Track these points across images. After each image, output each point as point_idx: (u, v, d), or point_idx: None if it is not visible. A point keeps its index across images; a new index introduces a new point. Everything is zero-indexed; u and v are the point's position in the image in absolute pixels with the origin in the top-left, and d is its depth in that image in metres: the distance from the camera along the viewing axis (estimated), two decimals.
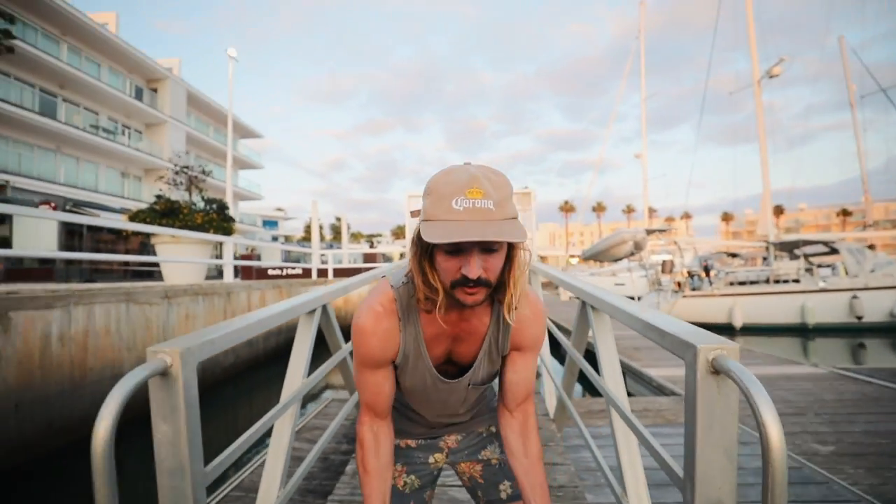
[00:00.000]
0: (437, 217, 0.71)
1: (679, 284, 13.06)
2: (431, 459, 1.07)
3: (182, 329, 6.04)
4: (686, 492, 0.91)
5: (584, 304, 1.82)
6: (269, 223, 38.60)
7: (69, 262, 14.37)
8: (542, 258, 60.28)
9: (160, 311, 5.73)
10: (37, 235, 14.90)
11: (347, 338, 1.38)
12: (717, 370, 0.84)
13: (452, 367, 0.94)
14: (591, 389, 5.95)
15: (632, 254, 12.91)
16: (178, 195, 9.01)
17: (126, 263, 16.27)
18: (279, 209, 43.12)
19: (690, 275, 13.48)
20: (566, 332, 3.73)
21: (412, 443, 1.07)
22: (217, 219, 8.15)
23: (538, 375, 3.63)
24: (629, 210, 73.61)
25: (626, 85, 27.52)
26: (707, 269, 13.08)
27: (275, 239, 34.89)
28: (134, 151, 21.84)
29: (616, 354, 1.65)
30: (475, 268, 0.72)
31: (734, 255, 17.16)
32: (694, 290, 12.73)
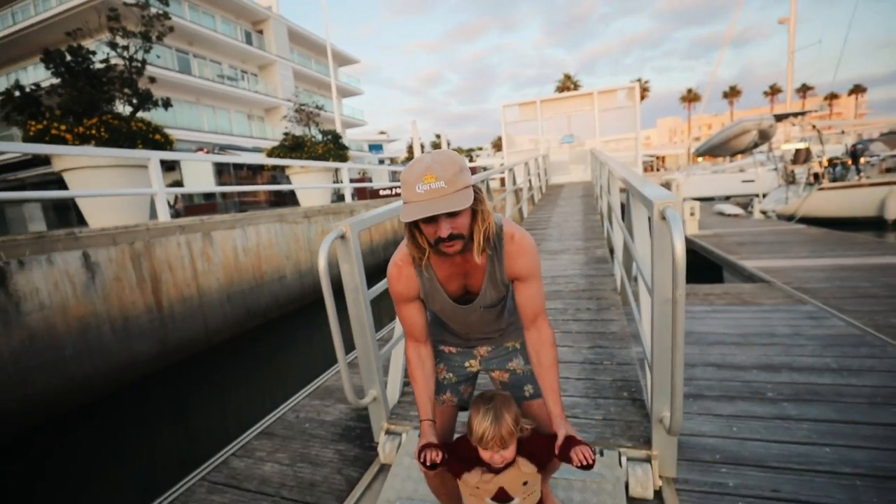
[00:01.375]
0: (408, 200, 0.98)
1: (816, 176, 11.39)
2: (467, 364, 1.34)
3: (320, 240, 7.46)
4: (651, 294, 1.44)
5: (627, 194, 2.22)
6: (375, 147, 40.76)
7: (223, 195, 17.41)
8: (659, 158, 54.52)
9: (303, 227, 7.13)
10: (198, 177, 18.13)
11: None
12: (663, 217, 1.31)
13: (470, 296, 1.21)
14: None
15: (755, 145, 11.43)
16: (299, 130, 10.32)
17: (267, 193, 19.13)
18: (382, 132, 44.98)
19: (832, 163, 11.60)
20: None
21: (452, 349, 1.34)
22: (334, 148, 9.31)
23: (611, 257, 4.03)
24: (773, 91, 60.04)
25: None
26: (855, 156, 11.10)
27: (381, 162, 37.01)
28: (254, 94, 24.27)
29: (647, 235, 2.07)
30: (444, 229, 0.99)
31: None
32: (835, 180, 11.06)
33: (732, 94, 58.54)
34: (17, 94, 4.97)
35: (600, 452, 1.57)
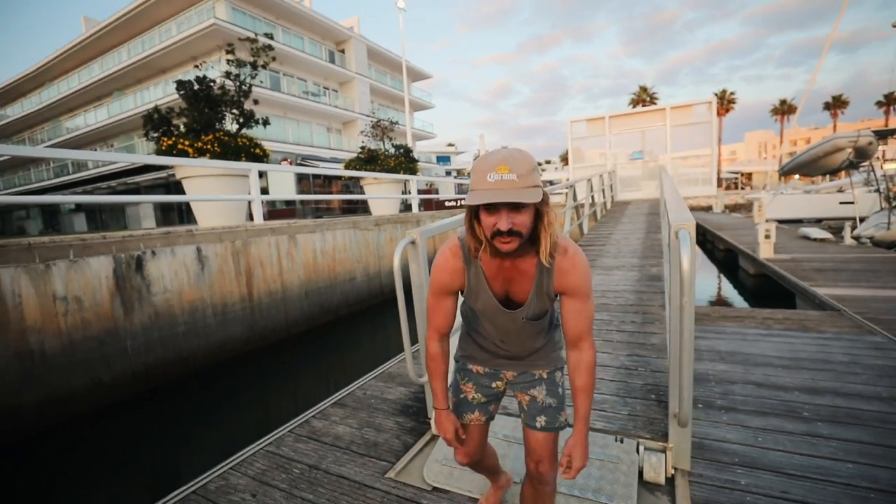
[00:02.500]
0: (476, 188, 0.97)
1: None
2: (494, 385, 1.35)
3: (388, 247, 8.07)
4: (669, 304, 1.67)
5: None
6: (442, 159, 41.97)
7: (302, 202, 18.96)
8: (745, 175, 50.61)
9: (373, 234, 7.77)
10: (281, 184, 19.90)
11: None
12: (677, 236, 1.56)
13: (512, 304, 1.19)
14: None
15: (851, 164, 10.49)
16: (374, 144, 11.17)
17: (340, 200, 20.53)
18: (450, 145, 46.25)
19: None
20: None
21: (480, 369, 1.34)
22: (405, 161, 10.00)
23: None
24: (889, 102, 50.86)
25: None
26: None
27: (448, 173, 38.00)
28: (334, 109, 26.19)
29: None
30: (505, 222, 0.97)
31: None
32: None
33: (837, 104, 52.06)
34: (155, 115, 6.09)
35: (620, 440, 1.80)
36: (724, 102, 43.88)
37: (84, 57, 25.44)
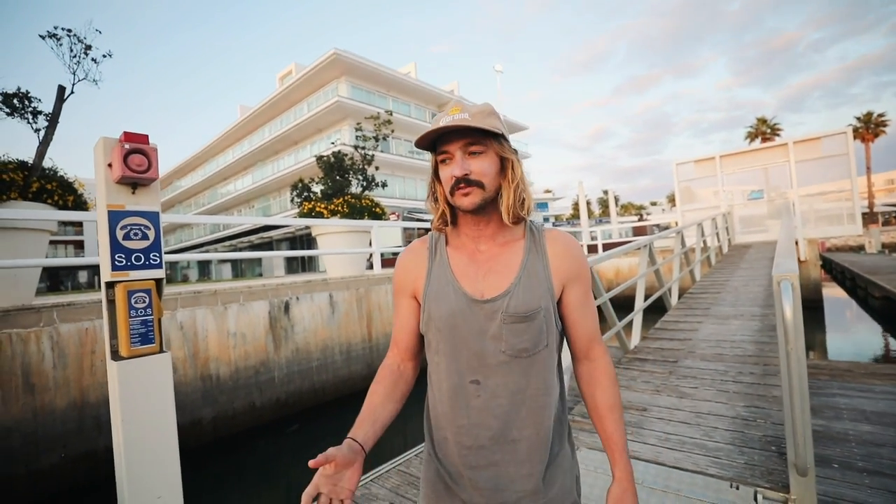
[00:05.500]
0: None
1: None
2: None
3: None
4: (780, 351, 1.73)
5: None
6: (541, 206, 42.12)
7: None
8: None
9: None
10: (388, 236, 21.69)
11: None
12: (779, 285, 1.66)
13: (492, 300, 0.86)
14: None
15: None
16: None
17: None
18: (547, 191, 46.41)
19: None
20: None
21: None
22: None
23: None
24: None
25: None
26: None
27: (546, 220, 37.96)
28: None
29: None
30: (459, 166, 0.82)
31: None
32: None
33: None
34: (299, 184, 7.43)
35: (736, 486, 1.82)
36: (872, 126, 38.10)
37: (238, 136, 31.08)
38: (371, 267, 7.15)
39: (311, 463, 0.72)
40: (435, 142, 0.87)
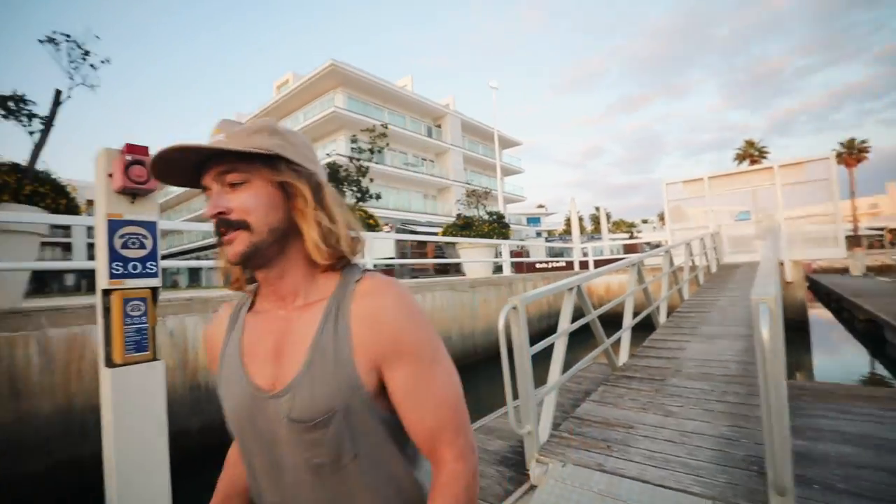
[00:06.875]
0: None
1: None
2: None
3: (482, 308, 8.44)
4: (757, 359, 1.79)
5: None
6: (532, 220, 42.49)
7: (400, 263, 20.36)
8: (891, 232, 43.90)
9: (468, 296, 8.23)
10: (383, 247, 21.69)
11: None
12: (758, 308, 1.72)
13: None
14: None
15: None
16: (469, 211, 12.03)
17: (435, 265, 21.68)
18: (540, 206, 46.89)
19: None
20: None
21: None
22: (498, 227, 10.60)
23: None
24: None
25: None
26: None
27: (538, 234, 38.23)
28: (430, 177, 28.43)
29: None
30: (212, 205, 0.62)
31: None
32: None
33: None
34: None
35: None
36: (854, 152, 39.19)
37: None
38: None
39: None
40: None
